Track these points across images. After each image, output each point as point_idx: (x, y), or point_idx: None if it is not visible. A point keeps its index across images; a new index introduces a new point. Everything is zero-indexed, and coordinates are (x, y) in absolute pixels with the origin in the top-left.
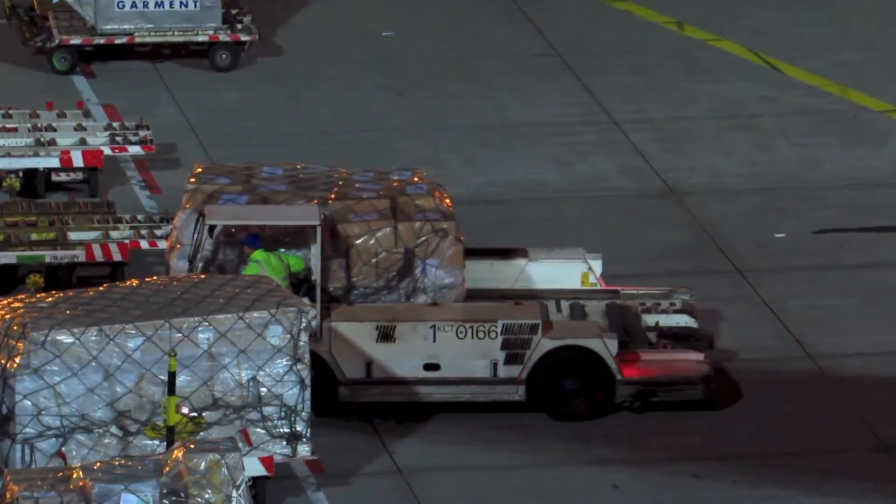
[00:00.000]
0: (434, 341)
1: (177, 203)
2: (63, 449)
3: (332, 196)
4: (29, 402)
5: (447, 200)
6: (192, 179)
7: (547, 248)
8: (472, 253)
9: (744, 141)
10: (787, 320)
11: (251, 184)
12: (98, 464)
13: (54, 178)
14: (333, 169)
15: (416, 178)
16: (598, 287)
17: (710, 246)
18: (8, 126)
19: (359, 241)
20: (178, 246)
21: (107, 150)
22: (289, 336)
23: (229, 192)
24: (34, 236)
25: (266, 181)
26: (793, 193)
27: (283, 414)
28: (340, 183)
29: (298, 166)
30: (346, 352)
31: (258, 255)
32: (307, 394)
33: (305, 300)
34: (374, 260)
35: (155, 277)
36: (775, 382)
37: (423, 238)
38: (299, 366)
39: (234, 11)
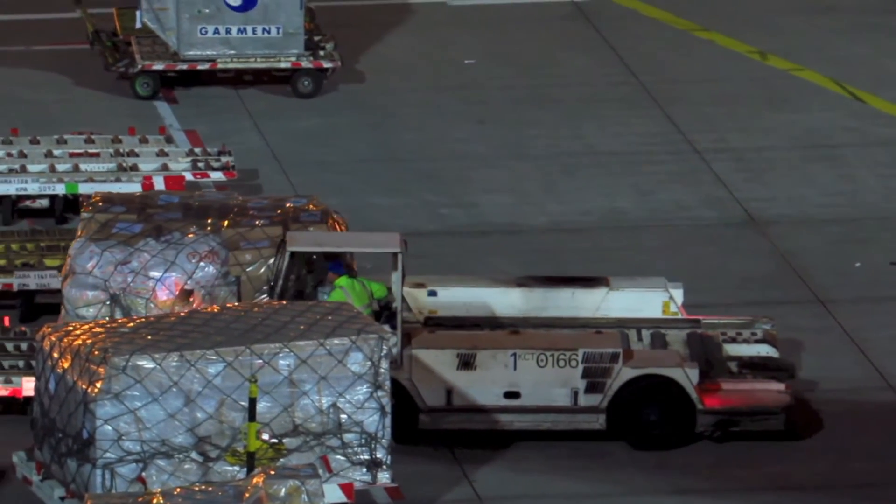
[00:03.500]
0: (515, 369)
1: None
2: (143, 474)
3: (225, 223)
4: (109, 427)
5: (341, 227)
6: (88, 208)
7: (628, 277)
8: (554, 281)
9: (826, 171)
10: (869, 351)
11: (146, 212)
12: (178, 489)
13: None
14: (229, 196)
15: (310, 206)
16: (680, 316)
17: (792, 276)
18: (90, 151)
19: (250, 269)
20: (73, 274)
21: (189, 176)
22: (369, 363)
23: (124, 220)
24: None
25: (161, 209)
26: (875, 224)
27: (363, 441)
28: (235, 210)
29: (196, 194)
30: (426, 379)
31: (343, 281)
32: (387, 421)
33: (386, 327)
34: (265, 287)
35: (236, 304)
36: (856, 413)
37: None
38: (380, 393)
39: (316, 38)
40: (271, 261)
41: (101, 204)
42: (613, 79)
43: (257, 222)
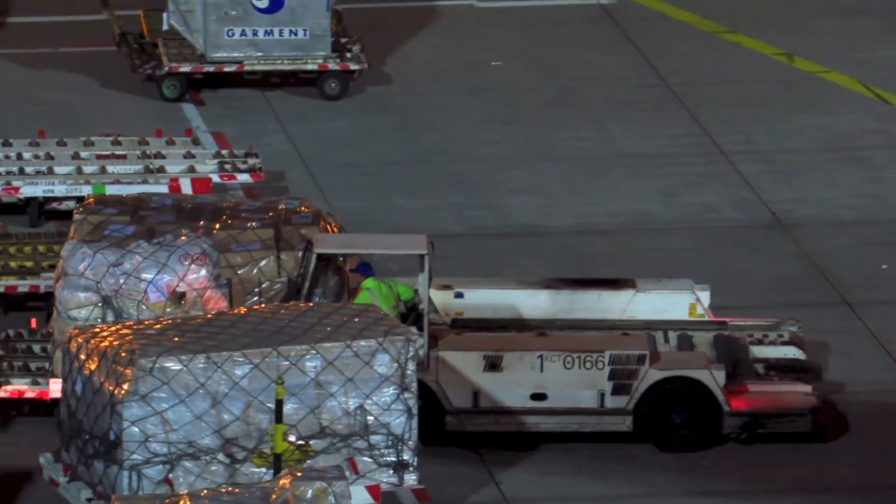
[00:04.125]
0: (541, 371)
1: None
2: (170, 476)
3: (217, 226)
4: (136, 429)
5: (334, 228)
6: (80, 209)
7: (655, 279)
8: (581, 283)
9: (853, 173)
10: None
11: (138, 214)
12: (205, 491)
13: None
14: (222, 199)
15: (302, 208)
16: (706, 318)
17: (819, 278)
18: (117, 153)
19: (242, 271)
20: (65, 276)
21: (215, 178)
22: (396, 365)
23: (116, 221)
24: None
25: (154, 211)
26: None
27: (389, 442)
28: (227, 212)
29: (188, 196)
30: (453, 381)
31: (369, 283)
32: (414, 422)
33: (413, 329)
34: (256, 290)
35: (263, 305)
36: (883, 415)
37: None
38: (406, 394)
39: (343, 40)
40: (262, 263)
41: (93, 205)
42: (640, 81)
43: (249, 224)
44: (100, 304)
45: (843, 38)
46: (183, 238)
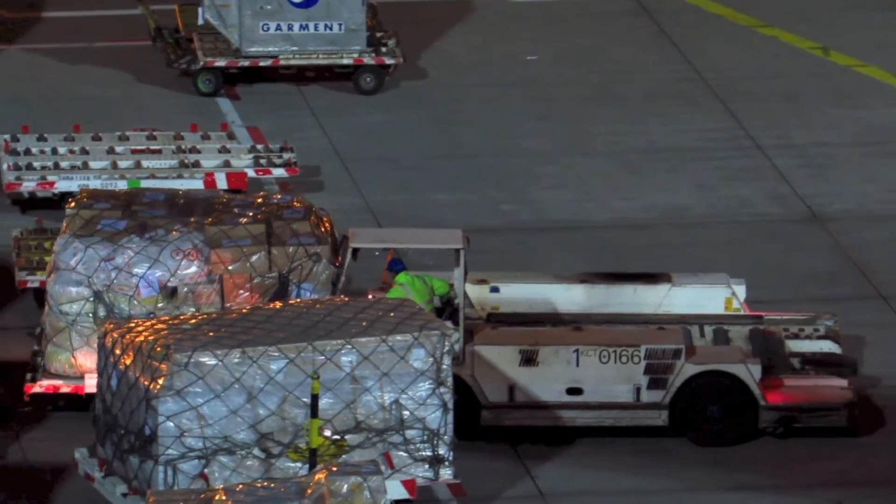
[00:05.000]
0: (577, 365)
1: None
2: (205, 471)
3: (209, 221)
4: (172, 424)
5: (326, 225)
6: (72, 204)
7: (691, 273)
8: (616, 277)
9: (889, 167)
10: None
11: (131, 209)
12: (240, 486)
13: None
14: (215, 194)
15: (295, 203)
16: (742, 312)
17: (855, 272)
18: (152, 147)
19: (233, 267)
20: (57, 271)
21: (251, 173)
22: (432, 359)
23: (108, 216)
24: None
25: (146, 206)
26: None
27: (425, 437)
28: (219, 208)
29: (181, 192)
30: (488, 375)
31: (402, 277)
32: (450, 417)
33: (448, 323)
34: (248, 285)
35: (298, 300)
36: None
37: (297, 262)
38: (442, 389)
39: (378, 35)
40: (253, 258)
41: (86, 200)
42: (676, 75)
43: (241, 220)
44: (91, 299)
45: (878, 31)
46: (175, 233)
